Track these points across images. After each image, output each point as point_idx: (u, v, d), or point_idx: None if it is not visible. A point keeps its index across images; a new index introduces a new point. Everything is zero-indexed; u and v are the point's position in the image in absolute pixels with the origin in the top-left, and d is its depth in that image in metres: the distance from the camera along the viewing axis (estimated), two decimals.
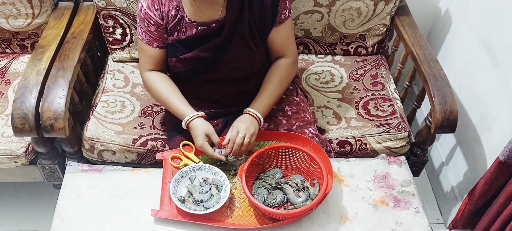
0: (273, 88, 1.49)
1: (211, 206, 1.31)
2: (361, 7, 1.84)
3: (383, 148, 1.66)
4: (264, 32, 1.47)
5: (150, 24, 1.41)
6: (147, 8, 1.40)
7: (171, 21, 1.41)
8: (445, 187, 2.04)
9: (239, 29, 1.42)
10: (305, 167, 1.42)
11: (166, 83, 1.47)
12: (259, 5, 1.42)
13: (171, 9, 1.40)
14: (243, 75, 1.52)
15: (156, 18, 1.40)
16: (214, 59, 1.45)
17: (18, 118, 1.43)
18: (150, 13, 1.40)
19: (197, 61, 1.45)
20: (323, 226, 1.34)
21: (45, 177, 1.68)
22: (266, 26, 1.46)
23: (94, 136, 1.60)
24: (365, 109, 1.76)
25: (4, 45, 1.90)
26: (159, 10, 1.40)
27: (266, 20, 1.45)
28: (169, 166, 1.44)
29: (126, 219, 1.33)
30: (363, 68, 1.94)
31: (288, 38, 1.51)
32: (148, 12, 1.40)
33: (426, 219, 1.38)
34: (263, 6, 1.42)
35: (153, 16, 1.40)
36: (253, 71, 1.52)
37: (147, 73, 1.48)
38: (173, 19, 1.41)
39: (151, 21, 1.40)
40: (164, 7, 1.40)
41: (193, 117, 1.40)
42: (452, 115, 1.53)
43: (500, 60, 1.65)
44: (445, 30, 2.05)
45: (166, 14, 1.41)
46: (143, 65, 1.48)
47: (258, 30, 1.46)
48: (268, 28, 1.47)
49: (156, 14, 1.40)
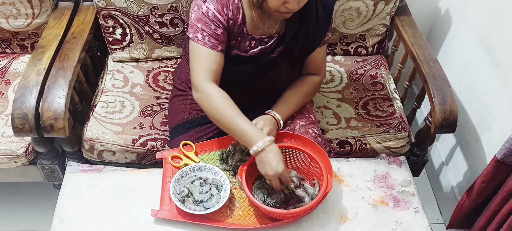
0: (298, 100, 1.51)
1: (211, 206, 1.31)
2: (361, 7, 1.84)
3: (383, 148, 1.66)
4: (309, 51, 1.48)
5: (217, 28, 1.33)
6: (216, 11, 1.32)
7: (236, 29, 1.37)
8: (445, 187, 2.04)
9: (290, 47, 1.42)
10: (305, 167, 1.42)
11: (227, 100, 1.32)
12: (314, 25, 1.42)
13: (239, 17, 1.36)
14: (276, 88, 1.53)
15: (224, 21, 1.34)
16: (257, 74, 1.45)
17: (18, 118, 1.44)
18: (219, 17, 1.33)
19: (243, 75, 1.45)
20: (323, 226, 1.34)
21: (45, 177, 1.68)
22: (314, 46, 1.47)
23: (94, 137, 1.60)
24: (365, 109, 1.76)
25: (4, 45, 1.90)
26: (228, 16, 1.35)
27: (316, 41, 1.46)
28: (169, 166, 1.44)
29: (126, 219, 1.33)
30: (363, 68, 1.94)
31: (324, 59, 1.54)
32: (218, 16, 1.32)
33: (426, 219, 1.38)
34: (317, 27, 1.43)
35: (222, 20, 1.34)
36: (283, 86, 1.53)
37: (210, 85, 1.32)
38: (238, 28, 1.37)
39: (220, 24, 1.33)
40: (233, 15, 1.36)
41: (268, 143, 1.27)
42: (452, 115, 1.53)
43: (500, 60, 1.65)
44: (445, 30, 2.06)
45: (233, 22, 1.36)
46: (203, 75, 1.33)
47: (306, 49, 1.46)
48: (314, 48, 1.47)
49: (225, 18, 1.34)
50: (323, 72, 1.56)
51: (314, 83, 1.55)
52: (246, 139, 1.29)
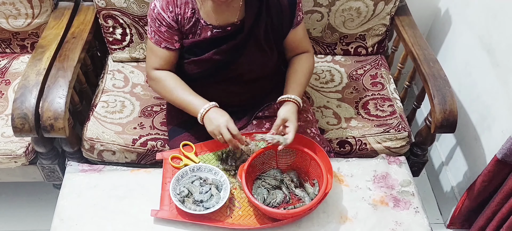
0: (304, 76, 1.51)
1: (211, 206, 1.31)
2: (361, 7, 1.84)
3: (383, 148, 1.66)
4: (281, 35, 1.49)
5: (161, 25, 1.40)
6: (161, 9, 1.38)
7: (186, 23, 1.41)
8: (445, 187, 2.04)
9: (254, 33, 1.43)
10: (305, 167, 1.42)
11: (174, 80, 1.45)
12: (277, 8, 1.43)
13: (187, 12, 1.40)
14: (255, 77, 1.53)
15: (169, 20, 1.39)
16: (228, 61, 1.46)
17: (18, 118, 1.44)
18: (163, 14, 1.38)
19: (211, 63, 1.45)
20: (323, 226, 1.34)
21: (45, 177, 1.68)
22: (284, 29, 1.48)
23: (94, 136, 1.60)
24: (365, 109, 1.77)
25: (4, 45, 1.90)
26: (174, 13, 1.39)
27: (284, 23, 1.46)
28: (169, 166, 1.44)
29: (126, 219, 1.33)
30: (363, 68, 1.94)
31: (305, 36, 1.54)
32: (161, 13, 1.38)
33: (426, 219, 1.38)
34: (281, 10, 1.44)
35: (166, 17, 1.39)
36: (265, 73, 1.53)
37: (154, 71, 1.47)
38: (188, 22, 1.41)
39: (163, 22, 1.39)
40: (180, 10, 1.39)
41: (209, 107, 1.38)
42: (452, 115, 1.53)
43: (500, 60, 1.66)
44: (445, 30, 2.06)
45: (182, 17, 1.40)
46: (149, 64, 1.47)
47: (275, 33, 1.47)
48: (286, 31, 1.48)
49: (169, 16, 1.39)
50: (309, 47, 1.56)
51: (307, 57, 1.55)
52: (193, 108, 1.41)
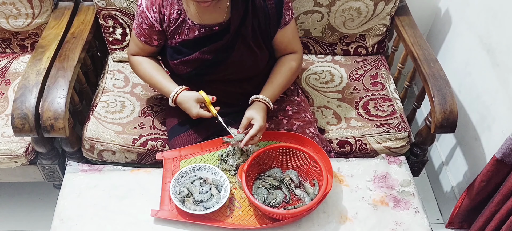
0: (282, 78, 1.52)
1: (211, 206, 1.31)
2: (361, 7, 1.84)
3: (383, 148, 1.66)
4: (268, 35, 1.50)
5: (143, 22, 1.44)
6: (145, 8, 1.42)
7: (172, 24, 1.43)
8: (445, 187, 2.04)
9: (242, 33, 1.43)
10: (305, 167, 1.42)
11: (151, 64, 1.52)
12: (264, 9, 1.44)
13: (173, 13, 1.42)
14: (246, 76, 1.53)
15: (151, 19, 1.42)
16: (217, 61, 1.46)
17: (18, 118, 1.44)
18: (147, 13, 1.42)
19: (199, 63, 1.46)
20: (323, 226, 1.34)
21: (45, 177, 1.68)
22: (272, 29, 1.48)
23: (94, 136, 1.60)
24: (365, 109, 1.77)
25: (4, 45, 1.90)
26: (158, 13, 1.41)
27: (271, 24, 1.47)
28: (169, 166, 1.44)
29: (126, 219, 1.33)
30: (363, 68, 1.94)
31: (293, 37, 1.54)
32: (145, 11, 1.42)
33: (426, 219, 1.38)
34: (268, 10, 1.45)
35: (149, 17, 1.42)
36: (257, 72, 1.54)
37: (133, 57, 1.55)
38: (174, 22, 1.42)
39: (145, 20, 1.43)
40: (165, 10, 1.41)
41: (178, 91, 1.44)
42: (452, 115, 1.53)
43: (500, 60, 1.66)
44: (445, 30, 2.06)
45: (167, 18, 1.42)
46: (130, 49, 1.55)
47: (262, 33, 1.48)
48: (273, 31, 1.49)
49: (152, 16, 1.42)
50: (298, 48, 1.57)
51: (294, 58, 1.55)
52: (166, 91, 1.48)
